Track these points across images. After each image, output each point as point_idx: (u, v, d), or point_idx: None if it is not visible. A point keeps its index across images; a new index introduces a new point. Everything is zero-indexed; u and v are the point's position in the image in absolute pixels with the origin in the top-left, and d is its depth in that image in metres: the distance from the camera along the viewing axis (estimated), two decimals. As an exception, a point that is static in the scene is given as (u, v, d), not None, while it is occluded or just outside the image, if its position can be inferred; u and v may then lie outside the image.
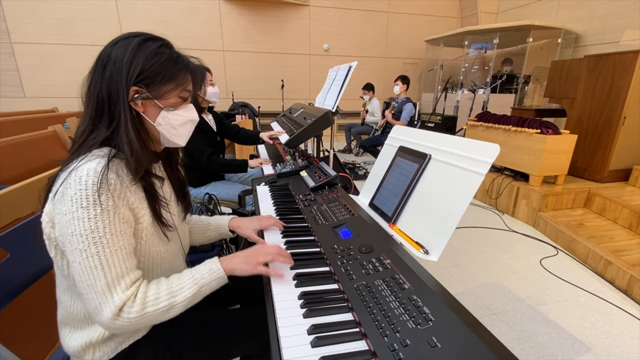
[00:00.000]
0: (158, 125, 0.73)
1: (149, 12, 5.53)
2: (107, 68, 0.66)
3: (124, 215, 0.65)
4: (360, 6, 6.38)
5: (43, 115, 3.48)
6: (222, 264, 0.75)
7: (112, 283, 0.62)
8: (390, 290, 0.67)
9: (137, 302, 0.63)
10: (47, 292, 1.18)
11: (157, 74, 0.69)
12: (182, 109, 0.75)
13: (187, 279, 0.71)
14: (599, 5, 4.56)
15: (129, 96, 0.67)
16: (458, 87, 5.74)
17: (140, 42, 0.68)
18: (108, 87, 0.66)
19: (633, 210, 2.43)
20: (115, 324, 0.62)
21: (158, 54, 0.69)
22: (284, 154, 2.26)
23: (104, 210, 0.61)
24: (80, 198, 0.59)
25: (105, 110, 0.67)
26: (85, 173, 0.60)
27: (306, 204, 1.22)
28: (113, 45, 0.68)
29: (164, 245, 0.77)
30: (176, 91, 0.73)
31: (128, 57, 0.66)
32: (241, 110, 4.94)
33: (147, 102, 0.70)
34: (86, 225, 0.60)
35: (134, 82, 0.67)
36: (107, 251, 0.62)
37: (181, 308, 0.69)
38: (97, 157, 0.64)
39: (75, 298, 0.71)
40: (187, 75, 0.74)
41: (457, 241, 2.50)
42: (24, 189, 1.18)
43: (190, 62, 0.76)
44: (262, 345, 0.85)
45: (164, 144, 0.79)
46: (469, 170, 0.77)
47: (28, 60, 5.31)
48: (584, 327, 1.63)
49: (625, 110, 2.75)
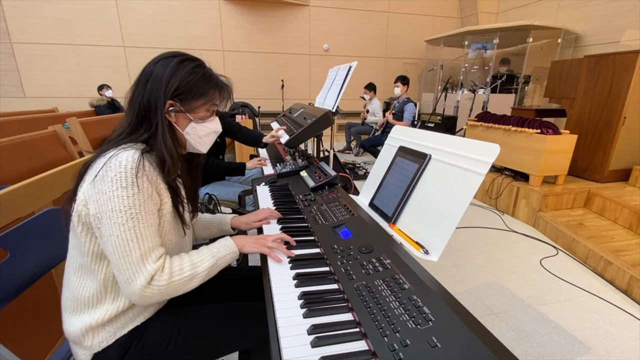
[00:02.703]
0: (186, 134, 0.83)
1: (149, 12, 5.53)
2: (149, 82, 0.76)
3: (154, 197, 0.74)
4: (360, 6, 6.38)
5: (43, 115, 3.48)
6: (234, 241, 0.87)
7: (145, 254, 0.70)
8: (390, 290, 0.67)
9: (165, 272, 0.72)
10: (47, 291, 1.19)
11: (191, 90, 0.79)
12: (209, 122, 0.86)
13: (205, 253, 0.81)
14: (599, 5, 4.56)
15: (165, 108, 0.77)
16: (458, 87, 5.74)
17: (179, 62, 0.78)
18: (149, 99, 0.76)
19: (633, 210, 2.43)
20: (147, 292, 0.69)
21: (193, 73, 0.79)
22: (284, 154, 2.25)
23: (140, 190, 0.69)
24: (120, 179, 0.68)
25: (145, 119, 0.77)
26: (125, 158, 0.69)
27: (306, 204, 1.22)
28: (155, 63, 0.78)
29: (177, 237, 0.84)
30: (206, 106, 0.83)
31: (167, 74, 0.76)
32: (241, 110, 4.93)
33: (179, 115, 0.81)
34: (125, 202, 0.68)
35: (170, 97, 0.77)
36: (142, 226, 0.70)
37: (201, 279, 0.78)
38: (132, 149, 0.72)
39: (85, 277, 0.75)
40: (216, 92, 0.84)
41: (457, 241, 2.50)
42: (24, 189, 1.18)
43: (220, 80, 0.85)
44: (260, 340, 0.86)
45: (188, 149, 0.88)
46: (469, 170, 0.77)
47: (28, 60, 5.31)
48: (584, 327, 1.63)
49: (625, 111, 2.75)
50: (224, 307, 0.90)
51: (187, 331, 0.81)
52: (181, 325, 0.82)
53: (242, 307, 0.92)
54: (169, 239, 0.81)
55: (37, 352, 1.15)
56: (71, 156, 2.22)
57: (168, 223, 0.80)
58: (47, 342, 1.20)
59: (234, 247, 0.86)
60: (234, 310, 0.90)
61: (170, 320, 0.82)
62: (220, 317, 0.87)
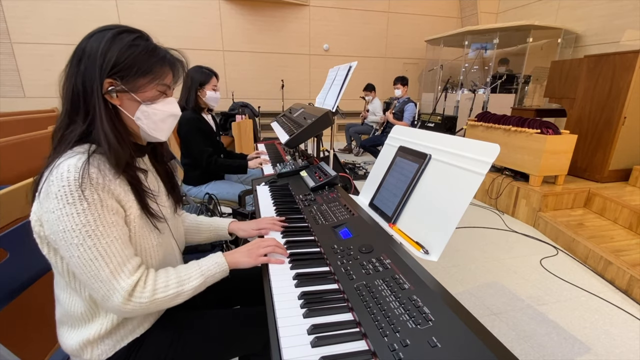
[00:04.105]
0: (137, 120, 0.72)
1: (149, 12, 5.53)
2: (81, 61, 0.66)
3: (112, 207, 0.65)
4: (360, 6, 6.38)
5: (43, 115, 3.48)
6: (225, 258, 0.80)
7: (115, 270, 0.64)
8: (390, 290, 0.67)
9: (147, 289, 0.67)
10: (47, 292, 1.18)
11: (132, 66, 0.67)
12: (161, 103, 0.74)
13: (194, 270, 0.75)
14: (599, 5, 4.56)
15: (103, 89, 0.66)
16: (458, 87, 5.73)
17: (114, 35, 0.66)
18: (83, 81, 0.65)
19: (633, 210, 2.43)
20: (127, 308, 0.65)
21: (133, 46, 0.67)
22: (284, 154, 2.25)
23: (90, 204, 0.61)
24: (65, 195, 0.59)
25: (81, 104, 0.66)
26: (66, 169, 0.60)
27: (306, 204, 1.22)
28: (88, 39, 0.67)
29: (156, 238, 0.76)
30: (152, 84, 0.71)
31: (102, 49, 0.65)
32: (241, 110, 4.94)
33: (123, 96, 0.69)
34: (76, 220, 0.60)
35: (108, 75, 0.65)
36: (104, 242, 0.63)
37: (187, 296, 0.73)
38: (77, 154, 0.63)
39: (74, 295, 0.72)
40: (165, 68, 0.72)
41: (457, 241, 2.50)
42: (24, 189, 1.18)
43: (168, 54, 0.74)
44: (262, 344, 0.85)
45: (144, 138, 0.77)
46: (469, 170, 0.77)
47: (28, 60, 5.31)
48: (584, 327, 1.63)
49: (625, 110, 2.75)
50: (225, 313, 0.89)
51: (186, 340, 0.80)
52: (180, 334, 0.80)
53: (243, 313, 0.91)
54: (148, 243, 0.74)
55: (37, 352, 1.15)
56: (71, 156, 2.21)
57: (140, 228, 0.72)
58: (47, 342, 1.19)
59: (224, 266, 0.79)
60: (234, 316, 0.89)
61: (170, 329, 0.80)
62: (221, 323, 0.86)
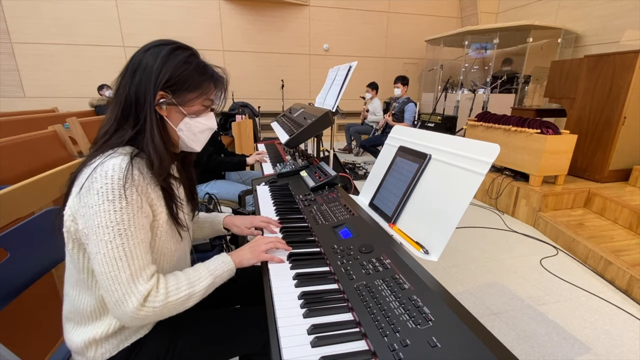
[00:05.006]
0: (179, 131, 0.76)
1: (149, 12, 5.53)
2: (136, 73, 0.70)
3: (145, 210, 0.68)
4: (360, 6, 6.38)
5: (43, 115, 3.48)
6: (231, 257, 0.82)
7: (135, 274, 0.64)
8: (390, 290, 0.67)
9: (160, 292, 0.67)
10: (47, 292, 1.19)
11: (184, 81, 0.72)
12: (204, 117, 0.79)
13: (203, 271, 0.76)
14: (599, 5, 4.56)
15: (155, 100, 0.70)
16: (458, 87, 5.74)
17: (170, 51, 0.72)
18: (136, 91, 0.69)
19: (633, 210, 2.43)
20: (140, 314, 0.64)
21: (187, 63, 0.72)
22: (284, 154, 2.25)
23: (129, 203, 0.64)
24: (107, 191, 0.62)
25: (132, 113, 0.70)
26: (111, 168, 0.63)
27: (306, 204, 1.22)
28: (144, 52, 0.72)
29: (175, 244, 0.79)
30: (200, 99, 0.76)
31: (158, 64, 0.70)
32: (241, 110, 4.94)
33: (171, 108, 0.74)
34: (112, 217, 0.62)
35: (162, 88, 0.70)
36: (131, 243, 0.64)
37: (198, 298, 0.73)
38: (120, 154, 0.66)
39: (84, 292, 0.73)
40: (211, 85, 0.77)
41: (457, 241, 2.50)
42: (24, 189, 1.18)
43: (215, 72, 0.79)
44: (262, 344, 0.85)
45: (181, 147, 0.82)
46: (469, 170, 0.77)
47: (28, 60, 5.31)
48: (584, 327, 1.63)
49: (625, 110, 2.75)
50: (225, 313, 0.89)
51: (187, 340, 0.80)
52: (181, 334, 0.80)
53: (243, 313, 0.91)
54: (167, 248, 0.76)
55: (37, 352, 1.15)
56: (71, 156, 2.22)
57: (165, 233, 0.75)
58: (47, 342, 1.19)
59: (231, 265, 0.81)
60: (234, 316, 0.89)
61: (170, 329, 0.80)
62: (221, 323, 0.86)
